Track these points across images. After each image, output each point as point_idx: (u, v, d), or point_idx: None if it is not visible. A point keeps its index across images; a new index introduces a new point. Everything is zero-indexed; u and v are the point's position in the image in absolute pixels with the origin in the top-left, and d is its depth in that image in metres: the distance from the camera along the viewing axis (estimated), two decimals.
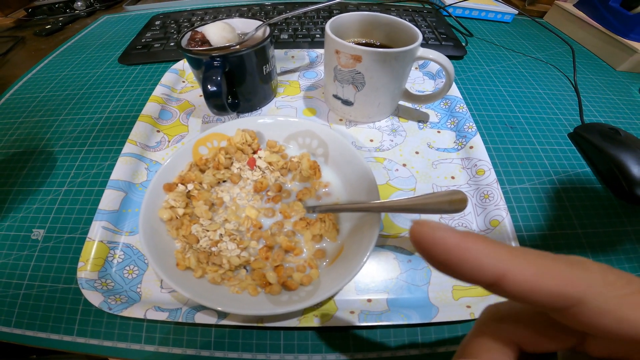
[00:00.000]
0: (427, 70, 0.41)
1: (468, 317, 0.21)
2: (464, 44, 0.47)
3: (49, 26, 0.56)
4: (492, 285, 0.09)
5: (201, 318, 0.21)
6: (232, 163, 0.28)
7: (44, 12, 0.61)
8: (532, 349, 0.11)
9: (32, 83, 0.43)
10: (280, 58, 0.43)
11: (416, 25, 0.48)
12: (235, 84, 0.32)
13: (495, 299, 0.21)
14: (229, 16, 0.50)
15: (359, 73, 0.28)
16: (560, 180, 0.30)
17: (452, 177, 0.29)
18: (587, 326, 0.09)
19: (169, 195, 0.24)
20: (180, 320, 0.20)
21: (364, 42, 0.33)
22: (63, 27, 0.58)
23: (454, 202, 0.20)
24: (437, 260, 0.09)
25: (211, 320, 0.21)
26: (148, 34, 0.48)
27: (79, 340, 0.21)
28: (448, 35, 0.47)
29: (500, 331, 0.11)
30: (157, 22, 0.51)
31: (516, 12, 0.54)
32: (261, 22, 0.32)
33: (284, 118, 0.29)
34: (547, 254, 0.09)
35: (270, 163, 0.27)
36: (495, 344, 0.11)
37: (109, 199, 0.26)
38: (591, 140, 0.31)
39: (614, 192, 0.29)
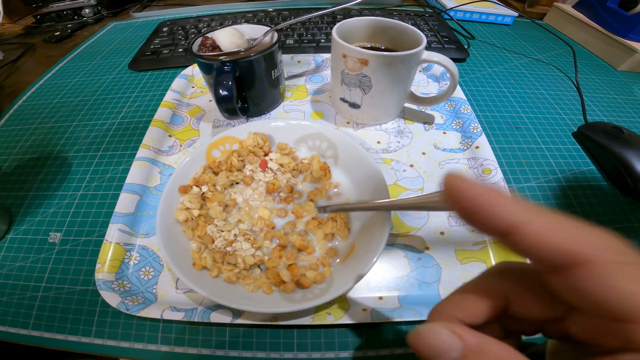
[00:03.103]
0: (431, 73, 0.42)
1: None
2: (466, 47, 0.47)
3: (57, 33, 0.58)
4: (505, 236, 0.10)
5: (216, 317, 0.21)
6: (244, 165, 0.28)
7: (52, 19, 0.62)
8: (518, 310, 0.12)
9: (44, 90, 0.44)
10: (287, 63, 0.44)
11: (419, 29, 0.49)
12: (245, 88, 0.32)
13: None
14: (235, 22, 0.51)
15: (366, 76, 0.29)
16: (566, 178, 0.31)
17: None
18: (579, 291, 0.09)
19: (184, 197, 0.25)
20: (196, 320, 0.21)
21: (369, 46, 0.34)
22: (72, 34, 0.59)
23: None
24: (462, 207, 0.10)
25: (226, 319, 0.21)
26: (156, 41, 0.49)
27: (97, 341, 0.22)
28: (450, 39, 0.47)
29: (495, 283, 0.12)
30: (165, 29, 0.52)
31: (516, 14, 0.55)
32: (269, 28, 0.33)
33: (294, 121, 0.30)
34: (563, 216, 0.09)
35: (281, 165, 0.28)
36: (479, 299, 0.12)
37: (124, 202, 0.27)
38: (595, 139, 0.32)
39: (620, 190, 0.29)
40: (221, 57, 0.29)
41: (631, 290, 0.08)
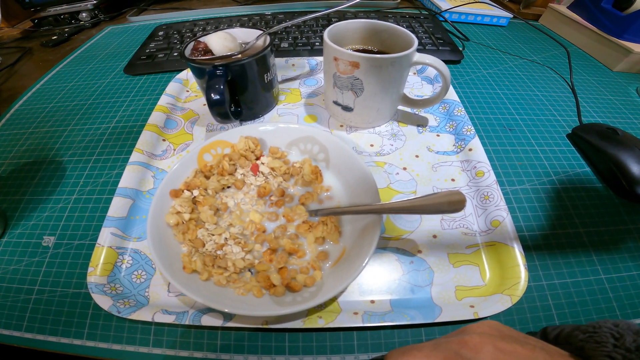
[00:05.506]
0: (425, 75, 0.42)
1: (472, 317, 0.21)
2: (460, 49, 0.47)
3: (55, 37, 0.58)
4: None
5: (207, 320, 0.21)
6: (235, 169, 0.28)
7: (49, 23, 0.63)
8: None
9: (41, 94, 0.44)
10: (281, 66, 0.44)
11: (413, 32, 0.49)
12: (238, 92, 0.32)
13: (497, 298, 0.22)
14: (230, 26, 0.51)
15: (358, 79, 0.29)
16: (560, 180, 0.30)
17: (452, 180, 0.30)
18: None
19: (176, 201, 0.25)
20: (187, 323, 0.21)
21: (361, 48, 0.34)
22: (69, 38, 0.59)
23: (453, 203, 0.20)
24: None
25: (217, 322, 0.21)
26: (152, 45, 0.49)
27: (89, 343, 0.22)
28: (445, 40, 0.47)
29: None
30: (161, 33, 0.52)
31: (511, 15, 0.55)
32: (261, 32, 0.33)
33: (285, 125, 0.30)
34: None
35: (272, 169, 0.28)
36: None
37: (117, 206, 0.27)
38: (590, 140, 0.32)
39: (615, 191, 0.29)
40: (213, 61, 0.29)
41: None
